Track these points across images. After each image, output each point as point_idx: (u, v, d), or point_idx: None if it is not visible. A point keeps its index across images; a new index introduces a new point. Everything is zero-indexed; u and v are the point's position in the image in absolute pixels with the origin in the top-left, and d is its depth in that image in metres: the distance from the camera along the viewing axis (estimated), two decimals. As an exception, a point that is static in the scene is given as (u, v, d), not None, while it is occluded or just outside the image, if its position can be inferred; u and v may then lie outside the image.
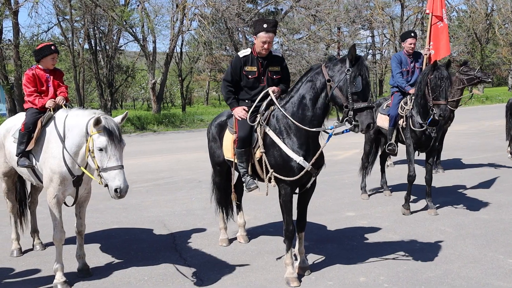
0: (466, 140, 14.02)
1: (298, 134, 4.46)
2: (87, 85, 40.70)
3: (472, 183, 8.64)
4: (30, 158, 4.89)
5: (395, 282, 4.51)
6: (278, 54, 5.07)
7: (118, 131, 4.20)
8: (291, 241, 4.65)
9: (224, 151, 5.19)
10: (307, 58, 28.28)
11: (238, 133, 4.75)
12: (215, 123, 5.50)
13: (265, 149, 4.57)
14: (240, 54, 4.99)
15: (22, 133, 4.92)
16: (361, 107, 4.07)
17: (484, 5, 40.10)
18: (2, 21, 24.25)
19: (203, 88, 55.00)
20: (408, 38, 7.28)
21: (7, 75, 25.62)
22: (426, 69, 6.63)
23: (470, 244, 5.47)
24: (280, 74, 4.98)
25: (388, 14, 39.82)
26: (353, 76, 4.11)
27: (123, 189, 4.08)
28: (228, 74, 5.00)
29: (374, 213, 6.89)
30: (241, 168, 4.84)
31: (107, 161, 4.12)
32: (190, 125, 24.72)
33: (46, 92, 5.20)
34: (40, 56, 5.18)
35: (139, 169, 11.31)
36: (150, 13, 27.93)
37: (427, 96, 6.40)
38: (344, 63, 4.21)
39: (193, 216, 7.06)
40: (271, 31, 4.77)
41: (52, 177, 4.58)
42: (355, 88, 4.10)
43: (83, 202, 4.99)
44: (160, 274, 4.88)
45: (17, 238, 5.64)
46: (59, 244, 4.68)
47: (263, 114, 4.70)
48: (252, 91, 4.94)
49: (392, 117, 7.17)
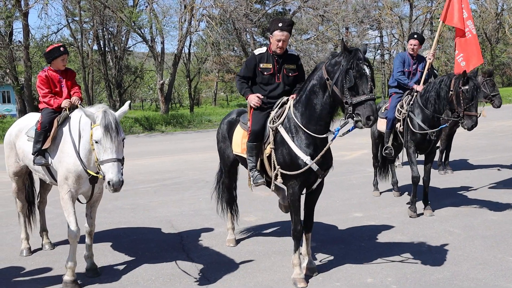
0: (475, 141, 13.91)
1: (306, 134, 4.47)
2: (96, 85, 40.96)
3: (481, 184, 8.57)
4: (46, 157, 4.95)
5: (402, 284, 4.49)
6: (294, 53, 5.10)
7: (115, 124, 4.16)
8: (299, 241, 4.64)
9: (233, 146, 5.22)
10: (315, 58, 28.25)
11: (252, 126, 4.78)
12: (225, 121, 5.55)
13: (275, 146, 4.59)
14: (256, 52, 5.06)
15: (38, 132, 4.98)
16: (359, 100, 3.97)
17: (494, 4, 39.81)
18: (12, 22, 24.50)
19: (211, 89, 55.13)
20: (410, 39, 7.29)
21: (17, 76, 25.87)
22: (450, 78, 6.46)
23: (479, 246, 5.43)
24: (296, 72, 5.00)
25: (397, 14, 39.68)
26: (345, 71, 4.05)
27: (115, 182, 4.03)
28: (242, 71, 5.10)
29: (382, 214, 6.87)
30: (250, 162, 4.85)
31: (103, 153, 4.13)
32: (198, 125, 24.80)
33: (60, 92, 5.26)
34: (50, 58, 5.24)
35: (147, 169, 11.36)
36: (159, 14, 28.12)
37: (455, 105, 6.32)
38: (340, 59, 4.18)
39: (200, 216, 7.07)
40: (286, 30, 4.79)
41: (67, 175, 4.63)
42: (349, 83, 4.01)
43: (95, 202, 5.03)
44: (167, 274, 4.90)
45: (27, 238, 5.69)
46: (74, 241, 4.69)
47: (276, 111, 4.72)
48: (267, 87, 4.98)
49: (389, 120, 7.12)
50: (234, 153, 5.24)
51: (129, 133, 22.60)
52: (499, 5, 41.07)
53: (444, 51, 37.90)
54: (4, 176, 10.04)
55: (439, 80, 6.61)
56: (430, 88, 6.67)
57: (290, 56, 5.01)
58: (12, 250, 5.78)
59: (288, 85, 4.95)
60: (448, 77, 6.54)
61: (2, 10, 23.49)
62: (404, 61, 7.21)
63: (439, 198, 7.63)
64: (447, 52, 38.03)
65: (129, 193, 8.78)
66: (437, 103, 6.51)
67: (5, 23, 23.84)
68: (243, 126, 5.06)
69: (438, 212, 6.80)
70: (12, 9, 23.63)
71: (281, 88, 4.93)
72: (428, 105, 6.61)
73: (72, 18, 31.13)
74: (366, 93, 4.00)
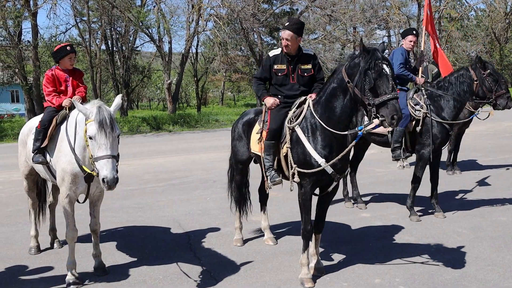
0: (483, 141, 13.80)
1: (323, 135, 4.44)
2: (104, 85, 41.19)
3: (489, 184, 8.51)
4: (45, 155, 4.98)
5: (410, 284, 4.47)
6: (310, 53, 5.06)
7: (110, 120, 4.09)
8: (308, 241, 4.64)
9: (251, 145, 5.22)
10: (323, 58, 28.17)
11: (270, 125, 4.79)
12: (242, 121, 5.50)
13: (291, 145, 4.58)
14: (270, 54, 5.08)
15: (38, 130, 5.04)
16: (382, 101, 3.94)
17: (503, 3, 39.46)
18: (21, 22, 24.66)
19: (218, 89, 55.23)
20: (409, 35, 7.04)
21: (26, 75, 26.05)
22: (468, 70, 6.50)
23: (488, 247, 5.39)
24: (311, 72, 4.97)
25: (405, 14, 39.44)
26: (364, 72, 4.03)
27: (109, 180, 3.95)
28: (259, 72, 5.16)
29: (390, 215, 6.84)
30: (267, 161, 4.85)
31: (97, 150, 4.06)
32: (205, 125, 24.83)
33: (65, 91, 5.29)
34: (57, 58, 5.28)
35: (154, 169, 11.40)
36: (166, 14, 28.19)
37: (485, 92, 6.42)
38: (359, 60, 4.16)
39: (207, 216, 7.09)
40: (288, 29, 4.79)
41: (63, 176, 4.63)
42: (369, 84, 3.99)
43: (97, 201, 5.02)
44: (174, 273, 4.91)
45: (36, 236, 5.73)
46: (72, 242, 4.73)
47: (294, 111, 4.72)
48: (281, 87, 4.98)
49: (406, 117, 6.59)
50: (252, 151, 5.25)
51: (137, 132, 22.68)
52: (508, 5, 40.69)
53: (452, 51, 37.65)
54: (14, 175, 10.13)
55: (455, 76, 6.57)
56: (448, 85, 6.57)
57: (305, 55, 4.97)
58: (20, 249, 5.82)
59: (303, 85, 4.93)
60: (466, 70, 6.55)
61: (11, 10, 23.67)
62: (405, 57, 6.98)
63: (447, 198, 7.58)
64: (455, 51, 37.78)
65: (136, 193, 8.81)
66: (462, 97, 6.48)
67: (14, 23, 24.00)
68: (261, 125, 5.04)
69: (446, 213, 6.75)
70: (21, 9, 23.78)
71: (296, 89, 4.91)
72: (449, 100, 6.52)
73: (80, 18, 31.31)
74: (388, 93, 3.95)
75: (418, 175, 6.68)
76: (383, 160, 10.53)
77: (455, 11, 37.96)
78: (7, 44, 25.17)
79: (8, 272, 5.12)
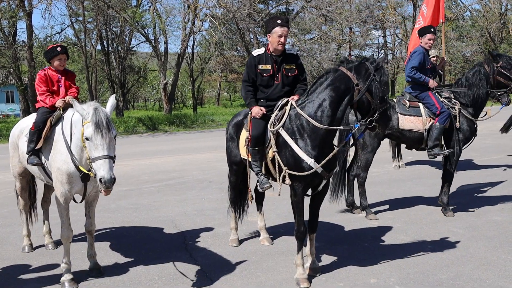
0: (479, 141, 13.82)
1: (312, 136, 4.43)
2: (100, 85, 41.10)
3: (485, 184, 8.55)
4: (40, 157, 4.97)
5: (406, 284, 4.48)
6: (293, 52, 5.05)
7: (106, 121, 4.11)
8: (302, 241, 4.64)
9: (240, 149, 5.21)
10: (319, 58, 28.22)
11: (252, 131, 4.77)
12: (232, 123, 5.51)
13: (278, 149, 4.56)
14: (254, 53, 5.01)
15: (32, 131, 5.01)
16: (386, 107, 4.36)
17: (498, 4, 39.60)
18: (16, 22, 24.60)
19: (214, 89, 55.22)
20: (428, 33, 6.90)
21: (21, 76, 25.97)
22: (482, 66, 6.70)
23: (483, 246, 5.41)
24: (295, 72, 4.96)
25: (400, 14, 39.56)
26: (379, 80, 4.29)
27: (107, 180, 3.97)
28: (246, 75, 5.04)
29: (385, 215, 6.85)
30: (255, 167, 4.86)
31: (94, 150, 4.08)
32: (201, 125, 24.83)
33: (58, 92, 5.28)
34: (48, 58, 5.29)
35: (151, 169, 11.38)
36: (162, 14, 28.12)
37: (503, 83, 6.57)
38: (368, 67, 4.32)
39: (203, 216, 7.08)
40: (286, 26, 4.79)
41: (58, 175, 4.63)
42: (383, 92, 4.30)
43: (92, 201, 5.01)
44: (170, 273, 4.90)
45: (28, 235, 5.76)
46: (67, 242, 4.73)
47: (276, 114, 4.70)
48: (266, 89, 4.95)
49: (447, 114, 6.47)
50: (242, 157, 5.23)
51: (133, 133, 22.64)
52: (503, 5, 40.85)
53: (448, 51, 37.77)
54: (7, 176, 10.08)
55: (471, 74, 6.75)
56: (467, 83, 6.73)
57: (289, 55, 4.97)
58: (15, 249, 5.80)
59: (287, 85, 4.93)
60: (480, 66, 6.75)
61: (6, 10, 23.60)
62: (423, 57, 6.82)
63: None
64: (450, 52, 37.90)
65: (132, 193, 8.80)
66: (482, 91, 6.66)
67: (8, 23, 23.94)
68: (246, 129, 5.03)
69: (441, 212, 6.77)
70: (16, 9, 23.71)
71: (280, 89, 4.90)
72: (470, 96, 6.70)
73: (75, 18, 31.19)
74: (386, 102, 4.39)
75: (451, 171, 6.79)
76: (379, 160, 10.54)
77: (450, 12, 38.08)
78: (2, 44, 25.11)
79: (3, 272, 5.10)
